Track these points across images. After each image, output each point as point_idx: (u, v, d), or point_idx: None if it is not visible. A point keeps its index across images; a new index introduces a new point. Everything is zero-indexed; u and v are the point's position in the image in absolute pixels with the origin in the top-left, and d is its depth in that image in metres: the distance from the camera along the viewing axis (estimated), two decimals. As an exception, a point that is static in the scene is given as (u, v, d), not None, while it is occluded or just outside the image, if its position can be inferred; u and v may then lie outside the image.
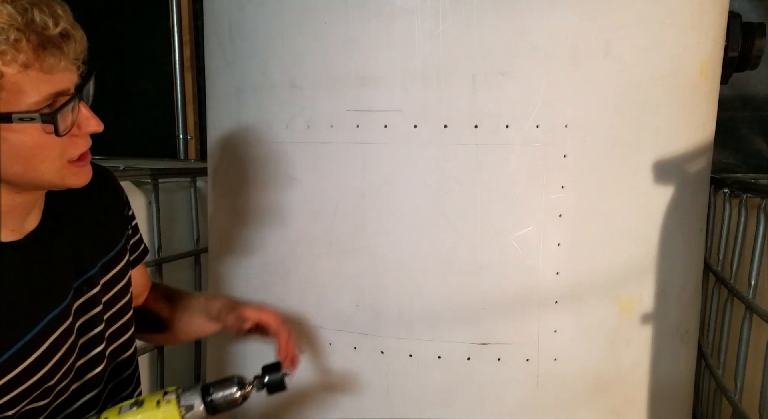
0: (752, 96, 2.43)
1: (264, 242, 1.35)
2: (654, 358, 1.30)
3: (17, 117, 0.68)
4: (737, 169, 2.47)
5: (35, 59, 0.68)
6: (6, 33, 0.65)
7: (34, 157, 0.72)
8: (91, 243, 0.90)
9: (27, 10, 0.67)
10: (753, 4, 2.34)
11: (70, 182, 0.78)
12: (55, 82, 0.71)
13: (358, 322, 1.25)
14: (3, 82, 0.67)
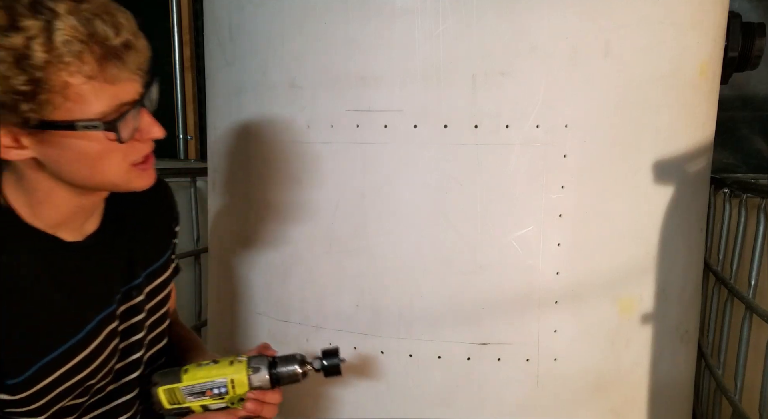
0: (752, 96, 2.43)
1: (264, 242, 1.36)
2: (654, 358, 1.30)
3: (81, 125, 0.71)
4: (737, 169, 2.47)
5: (99, 70, 0.70)
6: (70, 45, 0.67)
7: (99, 161, 0.75)
8: (142, 251, 0.94)
9: (89, 20, 0.69)
10: (753, 4, 2.35)
11: (135, 184, 0.81)
12: (119, 91, 0.73)
13: (358, 322, 1.25)
14: (68, 92, 0.69)
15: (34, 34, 0.66)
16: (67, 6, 0.68)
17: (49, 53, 0.67)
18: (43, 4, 0.67)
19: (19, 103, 0.68)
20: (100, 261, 0.86)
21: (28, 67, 0.66)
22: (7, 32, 0.66)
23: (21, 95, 0.67)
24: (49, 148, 0.74)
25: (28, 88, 0.67)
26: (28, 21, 0.66)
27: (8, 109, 0.68)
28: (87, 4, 0.70)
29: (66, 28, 0.67)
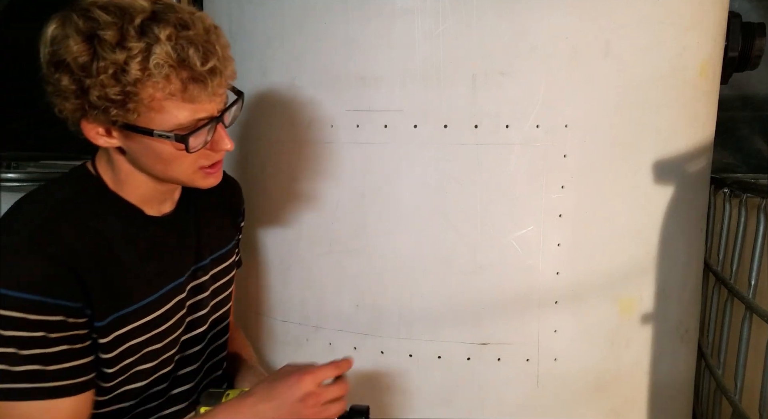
0: (752, 96, 2.43)
1: (264, 242, 1.36)
2: (654, 358, 1.30)
3: (157, 133, 0.81)
4: (737, 169, 2.47)
5: (181, 90, 0.80)
6: (161, 68, 0.77)
7: (172, 162, 0.86)
8: (209, 237, 1.05)
9: (183, 48, 0.78)
10: (753, 4, 2.35)
11: (198, 184, 0.91)
12: (197, 109, 0.82)
13: (358, 322, 1.25)
14: (152, 104, 0.79)
15: (135, 54, 0.76)
16: (168, 33, 0.77)
17: (142, 72, 0.76)
18: (150, 27, 0.77)
19: (110, 108, 0.78)
20: (174, 237, 0.97)
21: (124, 80, 0.76)
22: (114, 49, 0.76)
23: (112, 102, 0.78)
24: (132, 143, 0.84)
25: (119, 98, 0.77)
26: (133, 43, 0.76)
27: (101, 110, 0.79)
28: (188, 31, 0.79)
29: (161, 54, 0.76)
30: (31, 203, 0.87)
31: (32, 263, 0.79)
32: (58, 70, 0.78)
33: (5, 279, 0.76)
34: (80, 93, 0.78)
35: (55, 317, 0.79)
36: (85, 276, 0.82)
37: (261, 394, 0.89)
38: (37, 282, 0.78)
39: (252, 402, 0.88)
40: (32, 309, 0.77)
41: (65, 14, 0.79)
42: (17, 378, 0.77)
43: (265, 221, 1.34)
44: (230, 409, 0.89)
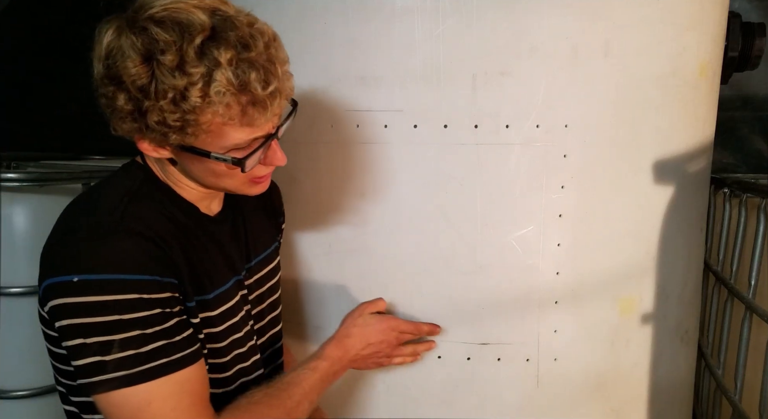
0: (752, 96, 2.43)
1: (264, 242, 1.35)
2: (654, 358, 1.30)
3: (214, 156, 0.81)
4: (737, 169, 2.47)
5: (240, 115, 0.78)
6: (222, 96, 0.74)
7: (224, 177, 0.86)
8: (255, 239, 1.06)
9: (245, 72, 0.75)
10: (753, 4, 2.35)
11: (247, 192, 0.92)
12: (255, 130, 0.81)
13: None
14: (210, 128, 0.78)
15: (196, 80, 0.73)
16: (229, 56, 0.74)
17: (203, 99, 0.74)
18: (210, 49, 0.74)
19: (169, 133, 0.77)
20: (227, 235, 0.98)
21: (184, 106, 0.74)
22: (174, 73, 0.73)
23: (170, 128, 0.76)
24: (185, 159, 0.84)
25: (179, 124, 0.76)
26: (194, 68, 0.73)
27: (157, 133, 0.78)
28: (249, 53, 0.76)
29: (222, 81, 0.74)
30: (102, 194, 0.87)
31: (132, 245, 0.79)
32: (113, 84, 0.76)
33: (115, 265, 0.77)
34: (138, 115, 0.77)
35: (166, 294, 0.81)
36: (175, 257, 0.84)
37: (358, 334, 1.08)
38: (145, 262, 0.79)
39: (352, 343, 1.07)
40: (148, 289, 0.78)
41: (120, 24, 0.76)
42: (149, 358, 0.78)
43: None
44: (338, 349, 1.05)
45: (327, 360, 1.04)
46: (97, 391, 0.77)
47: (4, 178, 1.44)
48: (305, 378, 1.00)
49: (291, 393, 0.96)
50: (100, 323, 0.76)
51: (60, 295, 0.77)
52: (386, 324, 1.11)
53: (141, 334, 0.77)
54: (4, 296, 1.49)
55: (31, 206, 1.50)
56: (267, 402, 0.93)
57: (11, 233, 1.48)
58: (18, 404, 1.54)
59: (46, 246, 0.82)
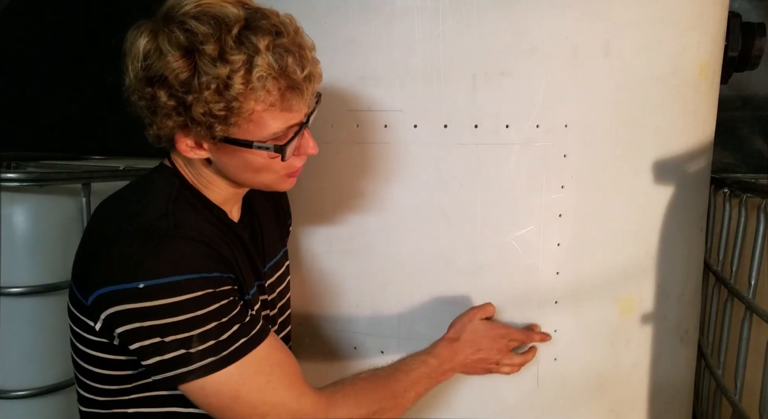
0: (752, 96, 2.43)
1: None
2: (654, 358, 1.30)
3: (256, 145, 0.82)
4: (737, 169, 2.47)
5: (280, 100, 0.80)
6: (264, 81, 0.76)
7: (261, 170, 0.87)
8: (269, 243, 1.07)
9: (282, 57, 0.77)
10: (753, 4, 2.35)
11: (281, 187, 0.93)
12: (291, 117, 0.83)
13: (358, 322, 1.25)
14: (252, 116, 0.79)
15: (238, 67, 0.75)
16: (266, 42, 0.76)
17: (245, 85, 0.76)
18: (247, 37, 0.76)
19: (215, 124, 0.78)
20: (249, 240, 0.98)
21: (228, 95, 0.76)
22: (216, 63, 0.75)
23: (216, 118, 0.78)
24: (224, 155, 0.85)
25: (223, 113, 0.77)
26: (235, 56, 0.75)
27: (203, 126, 0.79)
28: (283, 39, 0.78)
29: (263, 65, 0.76)
30: (144, 199, 0.87)
31: (190, 247, 0.81)
32: (153, 85, 0.77)
33: (179, 268, 0.78)
34: (182, 110, 0.78)
35: (228, 286, 0.83)
36: (227, 256, 0.86)
37: (468, 340, 1.07)
38: (205, 262, 0.81)
39: (462, 347, 1.06)
40: (214, 284, 0.80)
41: (154, 26, 0.78)
42: (230, 342, 0.80)
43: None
44: (448, 350, 1.05)
45: (437, 358, 1.04)
46: (186, 380, 0.79)
47: (4, 178, 1.44)
48: (414, 368, 1.00)
49: (398, 377, 0.97)
50: (175, 322, 0.78)
51: (125, 302, 0.77)
52: (497, 331, 1.10)
53: (218, 324, 0.80)
54: (4, 296, 1.49)
55: (31, 206, 1.50)
56: (374, 381, 0.95)
57: (11, 233, 1.48)
58: (18, 404, 1.54)
59: (94, 252, 0.82)
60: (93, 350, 0.86)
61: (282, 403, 0.83)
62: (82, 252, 0.87)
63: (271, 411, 0.82)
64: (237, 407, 0.81)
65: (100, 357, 0.86)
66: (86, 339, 0.86)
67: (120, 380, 0.87)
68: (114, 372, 0.87)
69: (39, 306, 1.52)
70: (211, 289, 0.80)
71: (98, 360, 0.87)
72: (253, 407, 0.82)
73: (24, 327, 1.52)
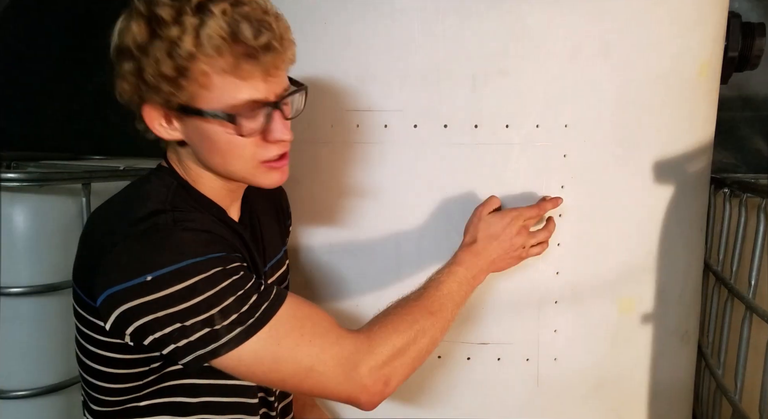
0: (752, 96, 2.43)
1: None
2: (654, 358, 1.30)
3: (208, 113, 0.80)
4: (737, 169, 2.47)
5: (234, 66, 0.78)
6: (212, 40, 0.76)
7: (228, 153, 0.84)
8: (269, 244, 1.05)
9: (237, 22, 0.77)
10: (753, 4, 2.34)
11: (261, 181, 0.89)
12: (250, 89, 0.80)
13: (358, 322, 1.25)
14: (204, 81, 0.78)
15: (188, 29, 0.76)
16: (222, 8, 0.77)
17: (195, 46, 0.76)
18: (206, 5, 0.77)
19: (163, 85, 0.78)
20: (250, 240, 0.97)
21: (177, 55, 0.76)
22: (170, 25, 0.76)
23: (165, 79, 0.78)
24: (191, 132, 0.84)
25: (173, 74, 0.77)
26: (189, 19, 0.76)
27: (153, 90, 0.79)
28: (243, 8, 0.78)
29: (213, 26, 0.76)
30: (143, 200, 0.86)
31: (192, 234, 0.81)
32: (121, 58, 0.80)
33: (184, 253, 0.78)
34: (137, 72, 0.79)
35: (237, 263, 0.82)
36: (234, 244, 0.87)
37: (484, 237, 1.04)
38: (209, 245, 0.81)
39: (481, 245, 1.04)
40: (222, 262, 0.80)
41: (130, 8, 0.80)
42: (253, 310, 0.80)
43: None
44: (470, 254, 1.03)
45: (461, 265, 1.01)
46: (219, 354, 0.79)
47: (4, 178, 1.44)
48: (442, 281, 0.98)
49: (429, 294, 0.96)
50: (192, 306, 0.77)
51: (134, 297, 0.77)
52: (508, 217, 1.06)
53: (236, 298, 0.79)
54: (4, 296, 1.49)
55: (31, 206, 1.50)
56: (405, 305, 0.94)
57: (11, 233, 1.48)
58: (18, 404, 1.54)
59: (96, 255, 0.82)
60: (103, 350, 0.86)
61: (322, 350, 0.83)
62: (84, 257, 0.87)
63: (314, 361, 0.82)
64: (281, 367, 0.82)
65: (111, 357, 0.86)
66: (96, 340, 0.86)
67: (131, 378, 0.87)
68: (124, 370, 0.87)
69: (39, 306, 1.52)
70: (220, 267, 0.80)
71: (108, 360, 0.87)
72: (296, 362, 0.82)
73: (24, 327, 1.52)
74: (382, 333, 0.88)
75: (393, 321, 0.90)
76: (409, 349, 0.90)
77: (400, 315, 0.92)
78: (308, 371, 0.82)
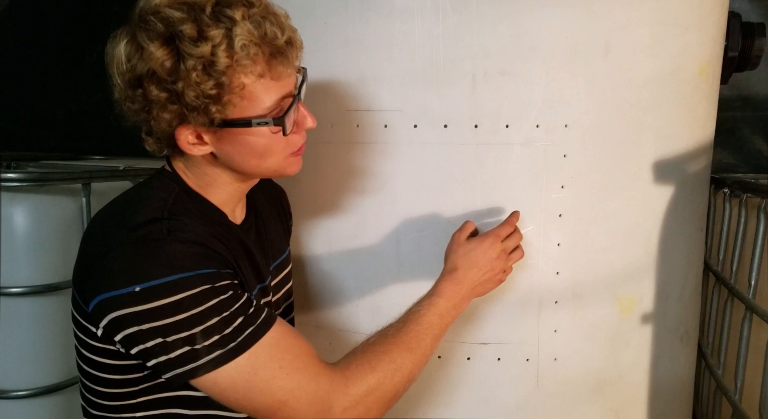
0: (752, 96, 2.43)
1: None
2: (654, 358, 1.30)
3: (255, 122, 0.80)
4: (737, 169, 2.47)
5: (267, 69, 0.79)
6: (247, 49, 0.75)
7: (265, 153, 0.85)
8: (273, 244, 1.05)
9: (260, 23, 0.77)
10: (753, 4, 2.34)
11: (288, 171, 0.91)
12: (282, 86, 0.82)
13: (358, 322, 1.25)
14: (244, 92, 0.78)
15: (219, 41, 0.74)
16: (242, 12, 0.76)
17: (230, 58, 0.75)
18: (222, 12, 0.75)
19: (209, 105, 0.77)
20: (253, 242, 0.97)
21: (215, 72, 0.75)
22: (197, 42, 0.74)
23: (210, 98, 0.76)
24: (227, 144, 0.83)
25: (215, 92, 0.76)
26: (213, 31, 0.74)
27: (199, 111, 0.77)
28: (255, 8, 0.78)
29: (243, 34, 0.75)
30: (141, 205, 0.85)
31: (184, 247, 0.80)
32: (142, 83, 0.77)
33: (174, 267, 0.77)
34: (175, 98, 0.77)
35: (228, 281, 0.82)
36: (227, 257, 0.85)
37: (465, 264, 1.03)
38: (201, 260, 0.80)
39: (462, 273, 1.03)
40: (212, 279, 0.79)
41: (129, 29, 0.77)
42: (235, 334, 0.79)
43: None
44: (451, 283, 1.02)
45: (443, 297, 1.00)
46: (196, 375, 0.78)
47: (4, 178, 1.44)
48: (422, 314, 0.97)
49: (408, 329, 0.94)
50: (175, 322, 0.77)
51: (123, 306, 0.77)
52: (487, 241, 1.05)
53: (220, 319, 0.78)
54: (4, 296, 1.49)
55: (31, 206, 1.50)
56: (384, 341, 0.92)
57: (11, 233, 1.48)
58: (18, 404, 1.54)
59: (91, 260, 0.81)
60: (97, 356, 0.86)
61: (298, 386, 0.82)
62: (81, 260, 0.86)
63: (288, 396, 0.81)
64: (254, 396, 0.81)
65: (105, 363, 0.86)
66: (90, 345, 0.86)
67: (126, 383, 0.87)
68: (119, 376, 0.86)
69: (39, 306, 1.52)
70: (209, 285, 0.79)
71: (103, 365, 0.87)
72: (270, 394, 0.81)
73: (24, 327, 1.52)
74: (358, 372, 0.87)
75: (370, 360, 0.89)
76: (384, 386, 0.88)
77: (377, 353, 0.90)
78: (281, 404, 0.82)
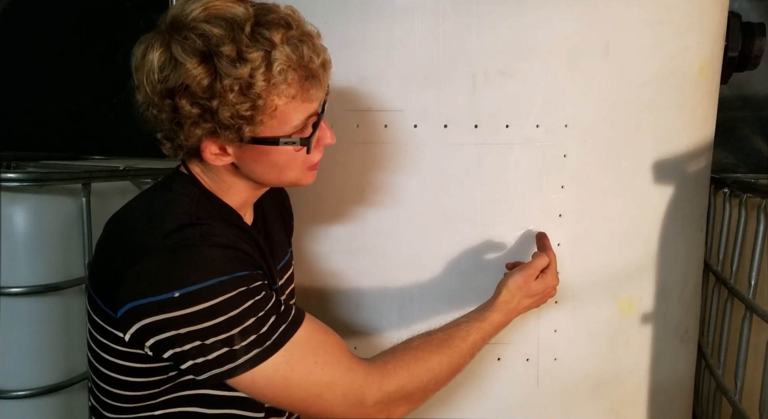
0: (752, 96, 2.43)
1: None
2: (654, 358, 1.30)
3: (283, 141, 0.82)
4: (737, 169, 2.47)
5: (300, 91, 0.80)
6: (285, 73, 0.77)
7: (286, 167, 0.87)
8: (277, 246, 1.06)
9: (298, 47, 0.78)
10: (753, 4, 2.34)
11: (303, 183, 0.92)
12: (309, 108, 0.82)
13: (358, 322, 1.25)
14: (276, 112, 0.79)
15: (258, 64, 0.75)
16: (281, 35, 0.76)
17: (268, 82, 0.76)
18: (260, 33, 0.76)
19: (242, 125, 0.78)
20: (263, 244, 0.97)
21: (251, 94, 0.76)
22: (235, 63, 0.74)
23: (243, 119, 0.77)
24: (249, 157, 0.84)
25: (249, 113, 0.77)
26: (253, 53, 0.75)
27: (232, 130, 0.78)
28: (293, 31, 0.79)
29: (282, 58, 0.76)
30: (166, 210, 0.85)
31: (217, 252, 0.81)
32: (174, 96, 0.77)
33: (210, 272, 0.78)
34: (208, 116, 0.77)
35: (260, 282, 0.83)
36: (254, 257, 0.87)
37: (523, 296, 1.03)
38: (234, 264, 0.81)
39: (516, 303, 1.03)
40: (246, 282, 0.80)
41: (164, 37, 0.77)
42: (271, 332, 0.80)
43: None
44: (502, 314, 1.01)
45: (493, 325, 1.01)
46: (235, 374, 0.79)
47: (4, 178, 1.44)
48: (471, 333, 0.97)
49: (454, 345, 0.95)
50: (213, 325, 0.77)
51: (159, 312, 0.77)
52: (531, 271, 1.04)
53: (256, 319, 0.80)
54: (4, 296, 1.49)
55: (31, 206, 1.50)
56: (428, 349, 0.92)
57: (11, 233, 1.48)
58: (18, 404, 1.54)
59: (122, 267, 0.80)
60: (119, 359, 0.86)
61: (333, 380, 0.83)
62: (105, 266, 0.85)
63: (323, 390, 0.83)
64: (290, 392, 0.82)
65: (129, 366, 0.86)
66: (113, 349, 0.85)
67: (148, 385, 0.87)
68: (142, 378, 0.86)
69: (39, 306, 1.52)
70: (244, 287, 0.80)
71: (126, 368, 0.86)
72: (305, 389, 0.82)
73: (24, 327, 1.52)
74: (395, 373, 0.88)
75: (409, 363, 0.90)
76: (417, 393, 0.89)
77: (418, 359, 0.91)
78: (316, 398, 0.83)
